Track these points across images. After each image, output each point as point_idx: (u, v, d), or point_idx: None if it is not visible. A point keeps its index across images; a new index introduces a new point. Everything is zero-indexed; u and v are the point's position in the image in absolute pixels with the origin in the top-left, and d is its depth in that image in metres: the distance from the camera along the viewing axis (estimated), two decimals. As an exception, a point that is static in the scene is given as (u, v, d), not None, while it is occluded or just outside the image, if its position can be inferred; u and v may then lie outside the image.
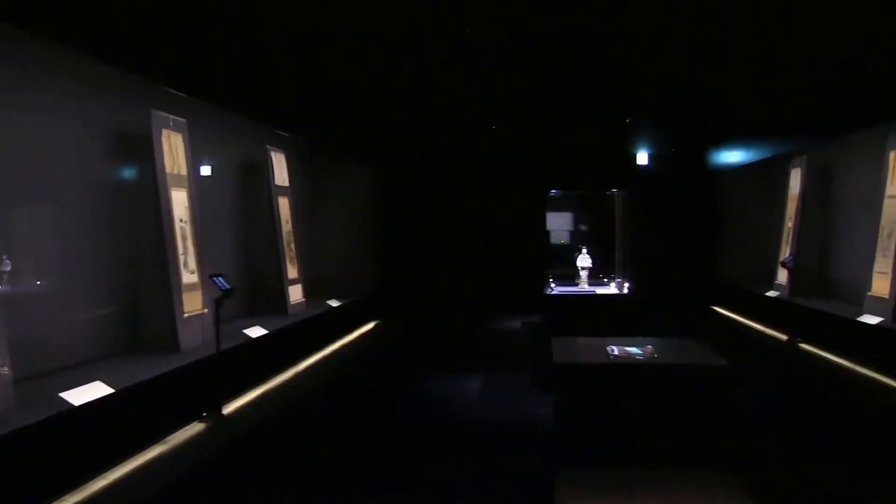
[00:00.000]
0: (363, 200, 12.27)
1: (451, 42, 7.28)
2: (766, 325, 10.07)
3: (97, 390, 4.69)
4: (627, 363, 5.14)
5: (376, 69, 8.19)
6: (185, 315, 6.41)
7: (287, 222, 9.27)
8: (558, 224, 13.69)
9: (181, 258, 6.50)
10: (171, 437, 5.25)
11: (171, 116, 6.53)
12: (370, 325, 11.23)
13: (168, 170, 6.42)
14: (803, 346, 8.56)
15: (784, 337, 9.04)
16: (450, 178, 13.36)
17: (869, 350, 7.30)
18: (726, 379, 4.96)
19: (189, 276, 6.60)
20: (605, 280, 10.77)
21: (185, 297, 6.47)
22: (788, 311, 9.07)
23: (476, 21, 6.64)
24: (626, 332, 7.11)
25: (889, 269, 7.60)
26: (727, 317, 11.92)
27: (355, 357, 9.51)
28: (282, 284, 8.79)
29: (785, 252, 10.34)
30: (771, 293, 10.39)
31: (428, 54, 7.65)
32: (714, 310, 12.54)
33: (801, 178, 10.18)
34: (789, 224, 10.47)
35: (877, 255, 7.93)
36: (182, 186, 6.68)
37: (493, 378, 8.11)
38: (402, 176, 13.19)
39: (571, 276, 10.65)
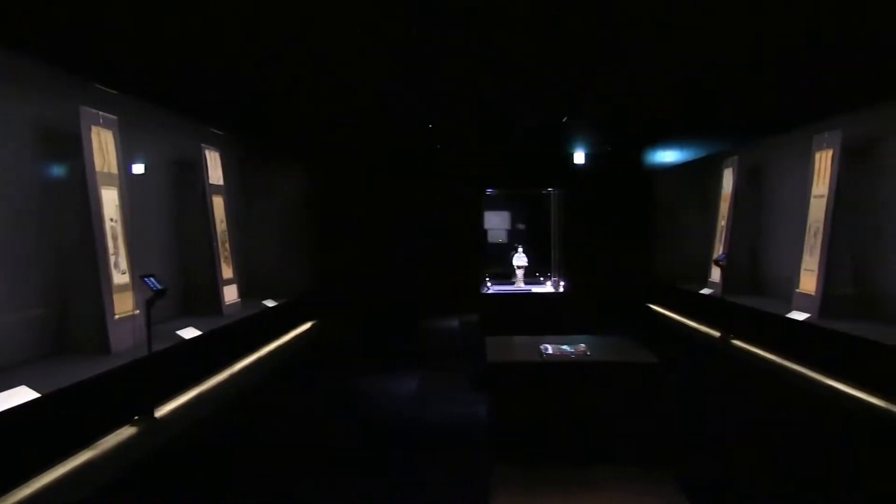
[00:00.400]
0: (300, 199, 12.16)
1: (388, 40, 7.26)
2: (700, 323, 10.29)
3: (22, 395, 4.54)
4: (560, 361, 5.20)
5: (312, 67, 8.12)
6: (116, 316, 6.26)
7: (222, 221, 9.13)
8: (496, 223, 13.75)
9: (111, 258, 6.34)
10: (101, 441, 5.13)
11: (100, 113, 6.36)
12: (307, 325, 11.13)
13: (98, 168, 6.25)
14: (735, 342, 8.77)
15: (717, 334, 9.25)
16: (387, 177, 13.35)
17: (797, 345, 7.52)
18: (656, 375, 5.05)
19: (120, 277, 6.44)
20: (542, 279, 10.88)
21: (116, 298, 6.32)
22: (721, 309, 9.28)
23: (415, 19, 6.64)
24: (562, 330, 7.19)
25: (816, 267, 7.83)
26: (663, 314, 12.14)
27: (292, 357, 9.42)
28: (216, 284, 8.64)
29: (718, 250, 10.57)
30: (704, 291, 10.63)
31: (364, 52, 7.61)
32: (650, 307, 12.78)
33: (733, 178, 10.42)
34: (722, 223, 10.71)
35: (804, 253, 8.16)
36: (113, 185, 6.52)
37: (430, 377, 8.13)
38: (339, 175, 13.13)
39: (508, 275, 10.71)
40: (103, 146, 6.40)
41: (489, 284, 10.70)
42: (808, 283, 7.98)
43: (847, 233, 7.67)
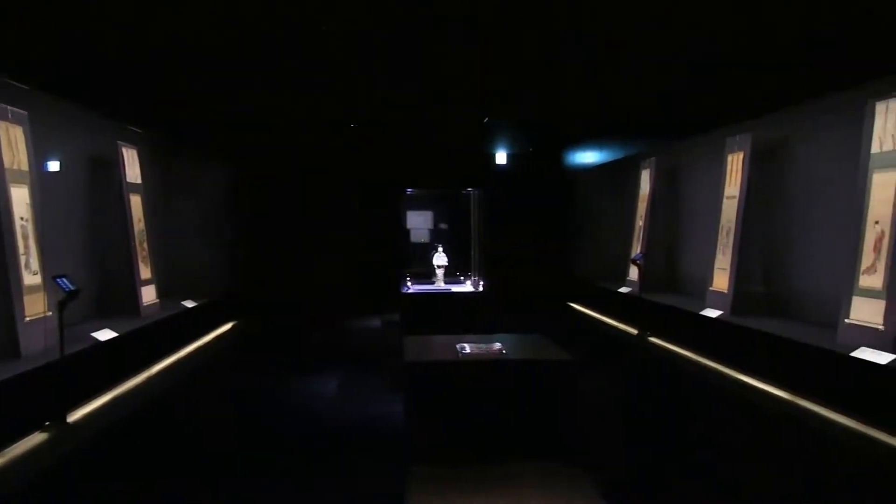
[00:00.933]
0: (220, 198, 11.93)
1: (305, 39, 7.19)
2: (619, 320, 10.51)
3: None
4: (475, 360, 5.27)
5: (230, 65, 7.99)
6: (27, 319, 6.01)
7: (140, 220, 8.88)
8: (419, 223, 13.76)
9: (22, 259, 6.09)
10: (10, 448, 4.94)
11: (9, 108, 6.11)
12: (227, 326, 10.95)
13: (7, 164, 5.99)
14: (652, 339, 8.99)
15: (634, 331, 9.48)
16: (308, 177, 13.25)
17: (710, 341, 7.76)
18: (570, 372, 5.16)
19: (31, 278, 6.19)
20: (462, 278, 10.97)
21: (27, 299, 6.07)
22: (638, 307, 9.50)
23: (332, 17, 6.60)
24: (482, 329, 7.26)
25: (728, 266, 8.11)
26: (583, 313, 12.36)
27: (211, 358, 9.26)
28: (133, 285, 8.39)
29: (636, 249, 10.83)
30: (623, 289, 10.86)
31: (283, 50, 7.52)
32: (570, 306, 13.00)
33: (651, 179, 10.69)
34: (640, 223, 10.97)
35: (717, 252, 8.43)
36: (23, 182, 6.26)
37: (350, 377, 8.11)
38: (260, 174, 12.95)
39: (429, 275, 10.76)
40: (12, 142, 6.14)
41: (409, 284, 10.72)
42: (721, 281, 8.24)
43: (757, 232, 7.96)
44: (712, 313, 7.93)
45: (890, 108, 5.65)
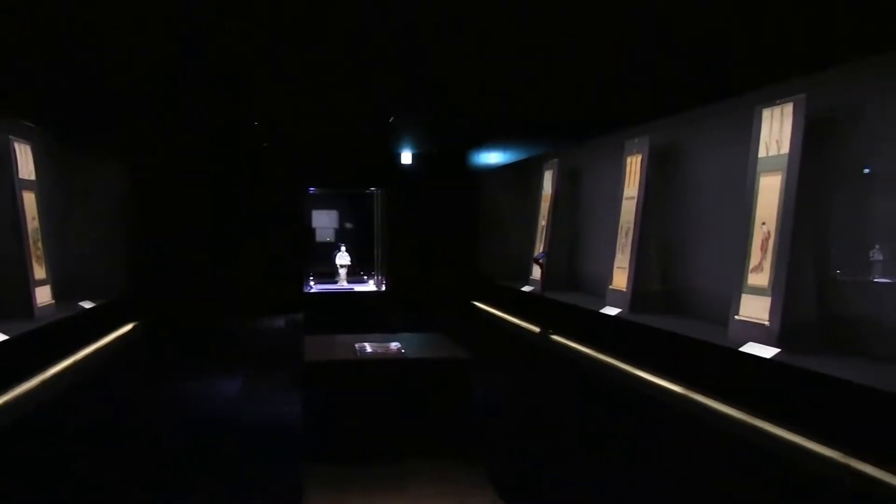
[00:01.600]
0: (120, 196, 11.53)
1: (204, 34, 7.01)
2: (522, 319, 10.63)
3: None
4: (373, 359, 5.28)
5: (128, 60, 7.71)
6: None
7: (34, 219, 8.44)
8: (324, 222, 13.67)
9: None
10: None
11: None
12: (128, 327, 10.57)
13: None
14: (554, 337, 9.12)
15: (537, 329, 9.59)
16: (210, 174, 12.94)
17: (609, 339, 7.93)
18: (466, 371, 5.22)
19: None
20: (365, 277, 10.94)
21: None
22: (541, 305, 9.62)
23: (231, 14, 6.44)
24: (385, 328, 7.26)
25: (627, 265, 8.30)
26: (487, 312, 12.45)
27: (110, 360, 8.93)
28: (27, 285, 7.99)
29: (539, 249, 10.98)
30: (526, 288, 11.00)
31: (182, 45, 7.31)
32: (475, 305, 13.08)
33: (554, 179, 10.86)
34: (543, 222, 11.13)
35: (617, 251, 8.62)
36: None
37: (253, 377, 7.98)
38: (161, 171, 12.56)
39: (333, 274, 10.69)
40: None
41: (312, 283, 10.62)
42: (620, 280, 8.43)
43: (654, 232, 8.17)
44: (612, 311, 8.09)
45: (776, 115, 5.88)
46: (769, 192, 5.89)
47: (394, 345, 5.59)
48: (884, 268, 5.17)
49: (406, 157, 13.37)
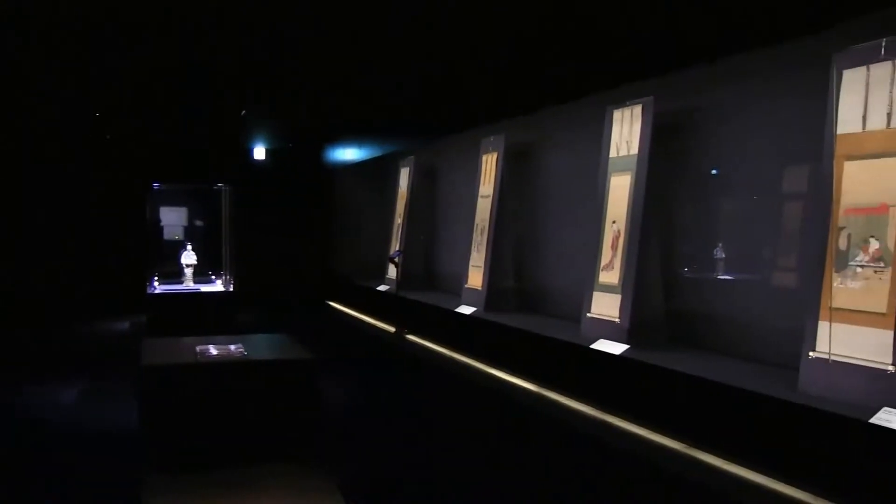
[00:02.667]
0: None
1: (42, 19, 6.51)
2: (377, 319, 10.48)
3: None
4: (214, 362, 5.05)
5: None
6: None
7: None
8: (172, 219, 13.04)
9: None
10: None
11: None
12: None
13: None
14: (409, 336, 9.02)
15: (392, 329, 9.47)
16: (50, 169, 12.07)
17: (465, 338, 7.90)
18: (312, 372, 5.06)
19: None
20: (213, 277, 10.50)
21: None
22: (396, 304, 9.51)
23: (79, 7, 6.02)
24: (232, 329, 6.95)
25: (482, 263, 8.30)
26: (342, 311, 12.22)
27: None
28: None
29: (395, 247, 10.86)
30: (381, 287, 10.85)
31: (23, 36, 6.76)
32: (329, 305, 12.82)
33: (409, 177, 10.77)
34: (399, 221, 11.02)
35: (472, 250, 8.62)
36: None
37: (90, 383, 7.50)
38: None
39: (178, 274, 10.20)
40: None
41: (156, 284, 10.07)
42: (476, 278, 8.43)
43: (509, 231, 8.22)
44: (467, 310, 8.07)
45: (626, 116, 5.99)
46: (619, 191, 5.99)
47: (235, 347, 5.34)
48: (726, 265, 5.36)
49: (259, 153, 12.94)
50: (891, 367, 3.59)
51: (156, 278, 10.20)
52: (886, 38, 3.84)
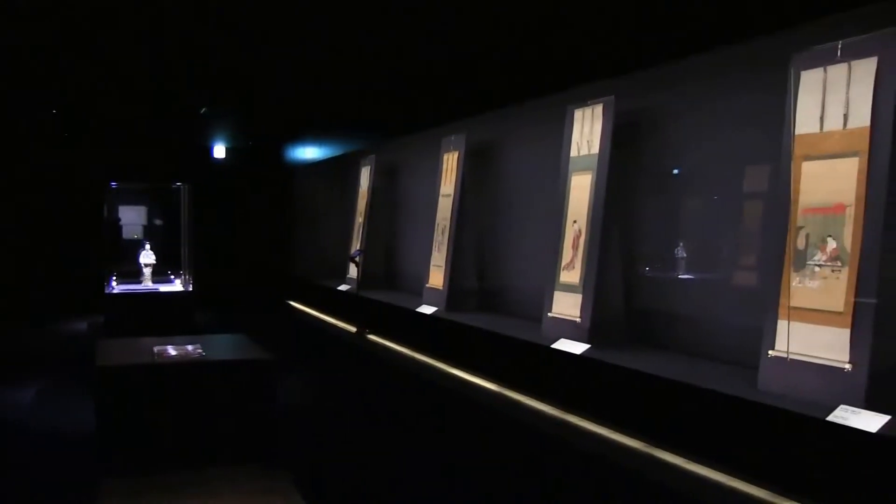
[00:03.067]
0: None
1: (5, 19, 6.34)
2: (338, 319, 10.39)
3: None
4: (171, 362, 4.97)
5: None
6: None
7: None
8: (132, 218, 12.83)
9: None
10: None
11: None
12: None
13: None
14: (370, 336, 8.96)
15: (353, 329, 9.39)
16: (2, 166, 11.79)
17: (426, 338, 7.86)
18: (270, 372, 5.02)
19: None
20: (172, 277, 10.35)
21: None
22: (357, 304, 9.44)
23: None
24: (191, 330, 6.85)
25: (443, 263, 8.26)
26: (303, 311, 12.11)
27: None
28: None
29: (356, 247, 10.78)
30: (342, 287, 10.77)
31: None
32: (290, 305, 12.70)
33: (370, 176, 10.69)
34: (360, 220, 10.94)
35: (433, 249, 8.58)
36: None
37: (46, 385, 7.35)
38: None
39: (137, 273, 10.04)
40: None
41: (114, 284, 9.90)
42: (437, 278, 8.39)
43: (471, 230, 8.19)
44: (428, 310, 8.03)
45: (587, 115, 5.99)
46: (580, 191, 5.99)
47: (191, 347, 5.26)
48: (687, 265, 5.39)
49: (219, 151, 12.78)
50: (847, 366, 3.62)
51: (114, 278, 10.03)
52: (843, 41, 3.88)
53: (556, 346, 5.63)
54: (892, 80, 3.66)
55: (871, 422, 3.31)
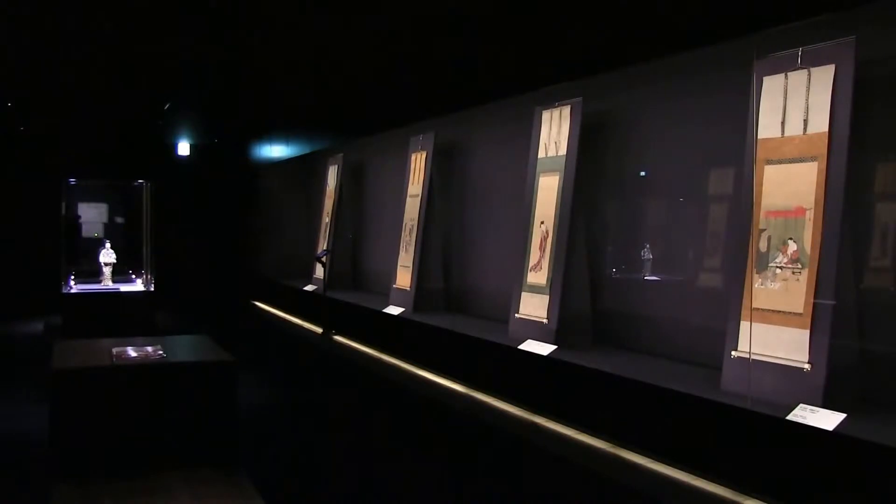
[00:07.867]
0: None
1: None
2: (304, 320, 10.32)
3: None
4: (128, 364, 4.90)
5: None
6: None
7: None
8: (92, 216, 12.62)
9: None
10: None
11: None
12: None
13: None
14: (336, 337, 8.91)
15: (319, 330, 9.34)
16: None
17: (392, 338, 7.84)
18: (232, 374, 4.97)
19: None
20: (133, 276, 10.21)
21: None
22: (322, 305, 9.38)
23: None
24: (152, 331, 6.76)
25: (410, 263, 8.25)
26: (268, 312, 12.02)
27: None
28: None
29: (323, 247, 10.71)
30: (308, 287, 10.70)
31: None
32: (256, 305, 12.59)
33: (337, 175, 10.64)
34: (327, 219, 10.88)
35: (401, 250, 8.56)
36: None
37: (2, 387, 7.21)
38: None
39: (96, 273, 9.87)
40: None
41: (73, 283, 9.73)
42: (404, 278, 8.37)
43: (438, 231, 8.19)
44: (395, 310, 8.00)
45: (554, 117, 6.02)
46: (548, 192, 6.02)
47: (153, 349, 5.19)
48: (652, 266, 5.44)
49: (183, 148, 12.64)
50: (807, 366, 3.68)
51: (72, 277, 9.85)
52: (802, 48, 3.95)
53: (522, 347, 5.65)
54: (848, 87, 3.73)
55: (828, 420, 3.38)
